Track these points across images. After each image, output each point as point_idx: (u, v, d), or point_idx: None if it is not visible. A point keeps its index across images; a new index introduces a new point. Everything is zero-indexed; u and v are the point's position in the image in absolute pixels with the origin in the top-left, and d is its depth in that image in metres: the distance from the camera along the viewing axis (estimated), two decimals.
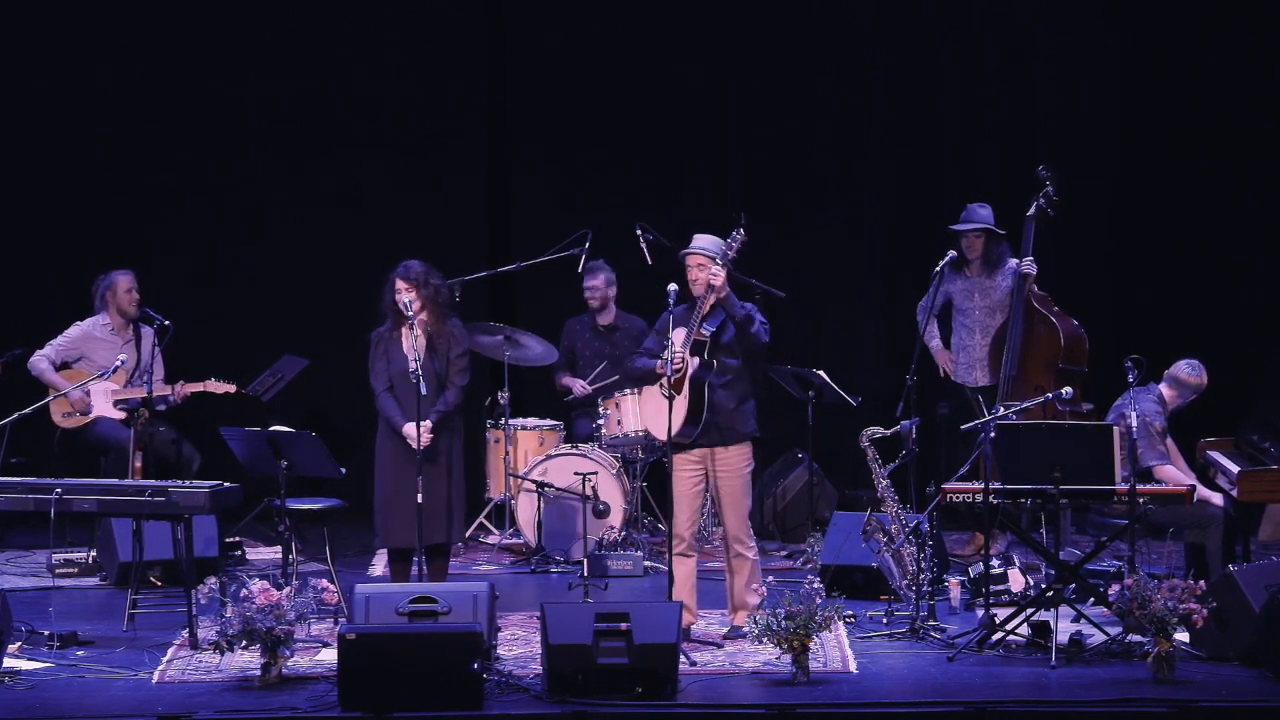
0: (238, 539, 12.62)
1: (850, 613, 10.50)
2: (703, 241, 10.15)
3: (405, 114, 14.50)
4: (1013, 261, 12.19)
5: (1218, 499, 10.94)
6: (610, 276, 13.10)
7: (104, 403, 12.42)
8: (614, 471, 12.49)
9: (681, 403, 10.05)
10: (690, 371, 10.00)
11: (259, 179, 14.46)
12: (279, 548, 11.17)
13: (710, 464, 10.20)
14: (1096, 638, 9.92)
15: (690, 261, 10.10)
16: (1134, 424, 10.25)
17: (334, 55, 14.42)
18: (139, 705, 9.07)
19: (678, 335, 10.06)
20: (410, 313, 10.58)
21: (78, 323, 12.59)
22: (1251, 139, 14.10)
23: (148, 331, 12.44)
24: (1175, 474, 10.84)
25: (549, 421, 13.15)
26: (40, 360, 12.44)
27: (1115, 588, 9.68)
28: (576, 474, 12.23)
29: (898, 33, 14.46)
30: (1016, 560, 11.24)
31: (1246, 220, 14.16)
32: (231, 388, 12.42)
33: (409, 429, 10.55)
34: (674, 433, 10.01)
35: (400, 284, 10.65)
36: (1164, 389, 11.08)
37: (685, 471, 10.20)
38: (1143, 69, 14.29)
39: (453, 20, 14.49)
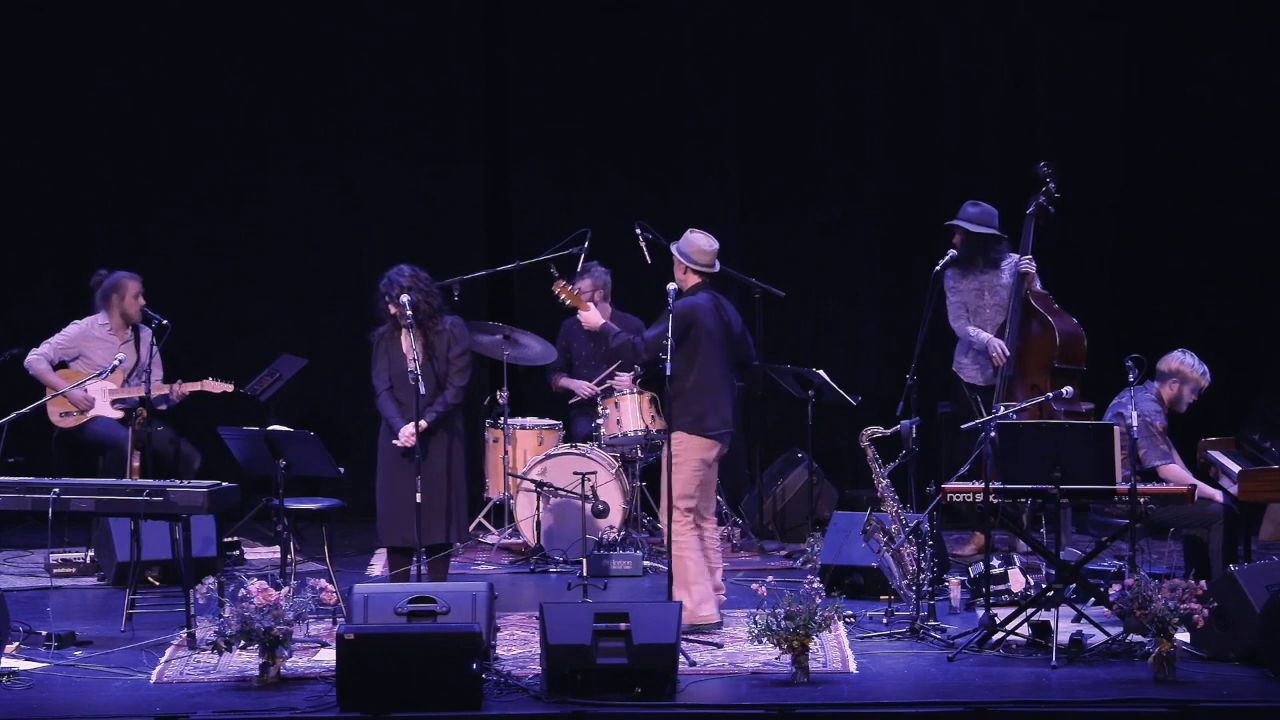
0: (236, 539, 12.60)
1: (850, 613, 10.48)
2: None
3: (405, 113, 14.48)
4: (1013, 258, 12.15)
5: (1218, 496, 10.91)
6: (598, 279, 13.02)
7: (101, 402, 12.40)
8: (613, 471, 12.47)
9: None
10: None
11: (258, 178, 14.43)
12: (277, 548, 11.15)
13: None
14: (1097, 638, 9.90)
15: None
16: (1134, 423, 10.22)
17: (333, 54, 14.40)
18: (137, 705, 9.05)
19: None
20: (407, 317, 10.57)
21: (76, 322, 12.55)
22: (1253, 138, 14.07)
23: (145, 331, 12.42)
24: (1180, 473, 10.82)
25: (548, 421, 13.13)
26: (39, 360, 12.40)
27: (1116, 588, 9.66)
28: (576, 474, 12.21)
29: (898, 32, 14.44)
30: (1017, 560, 11.22)
31: (1248, 219, 14.13)
32: (229, 387, 12.39)
33: (405, 432, 10.53)
34: None
35: (386, 296, 10.64)
36: (1159, 386, 11.04)
37: None
38: (1146, 66, 14.26)
39: (452, 19, 14.47)
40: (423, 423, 10.49)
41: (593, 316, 10.73)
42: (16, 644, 9.95)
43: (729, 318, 10.50)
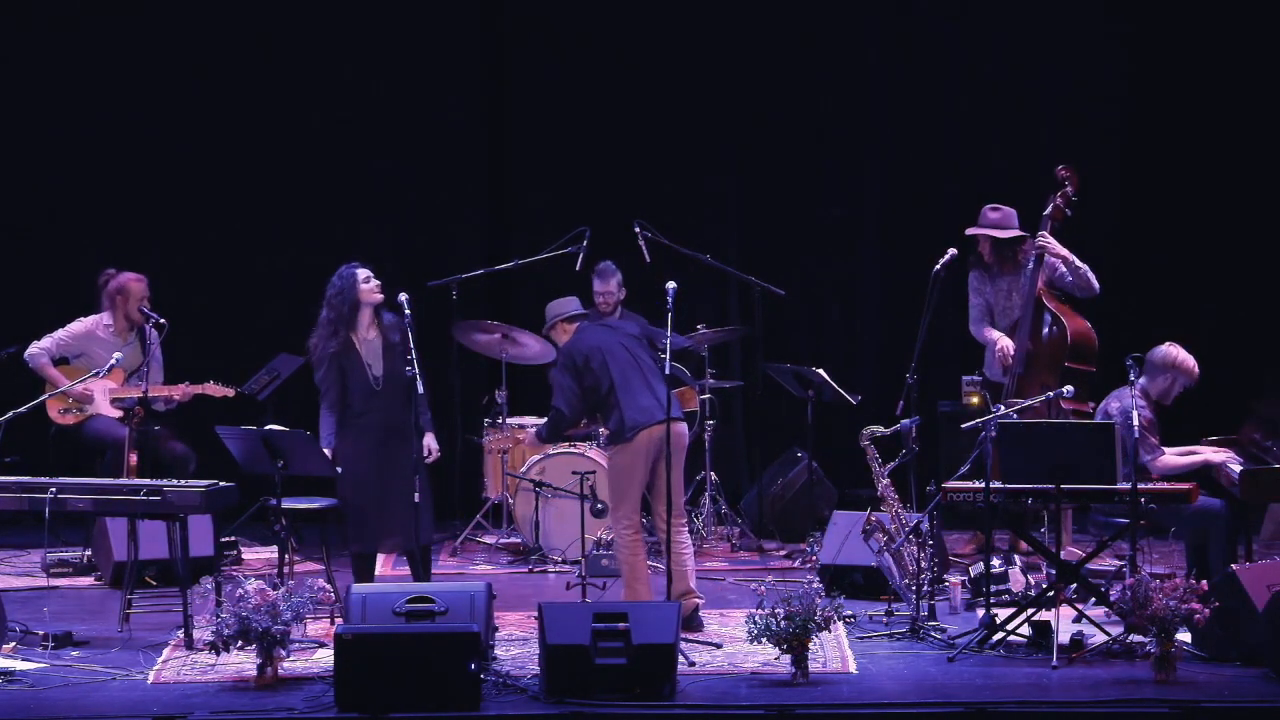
0: (234, 538, 12.57)
1: (850, 613, 10.45)
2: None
3: (404, 111, 14.47)
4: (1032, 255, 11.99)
5: (1223, 484, 10.88)
6: (620, 279, 12.97)
7: (101, 400, 12.37)
8: None
9: None
10: None
11: (257, 177, 14.40)
12: (275, 547, 11.11)
13: None
14: (1098, 638, 9.87)
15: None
16: (1130, 422, 10.17)
17: (333, 53, 14.38)
18: (134, 706, 9.02)
19: None
20: (405, 318, 10.53)
21: (81, 319, 12.52)
22: (1257, 138, 14.05)
23: (153, 332, 12.38)
24: (1171, 460, 10.79)
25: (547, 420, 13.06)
26: (41, 354, 12.38)
27: (1117, 587, 9.64)
28: (574, 473, 12.17)
29: (899, 30, 14.42)
30: (1017, 560, 11.19)
31: (1251, 218, 14.11)
32: (229, 391, 12.35)
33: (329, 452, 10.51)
34: None
35: (344, 293, 10.56)
36: (1147, 381, 10.97)
37: None
38: (1148, 64, 14.23)
39: (452, 17, 14.45)
40: (432, 437, 10.57)
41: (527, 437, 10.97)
42: (13, 644, 9.95)
43: (619, 326, 10.68)
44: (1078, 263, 11.83)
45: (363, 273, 10.70)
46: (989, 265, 12.07)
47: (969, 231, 12.11)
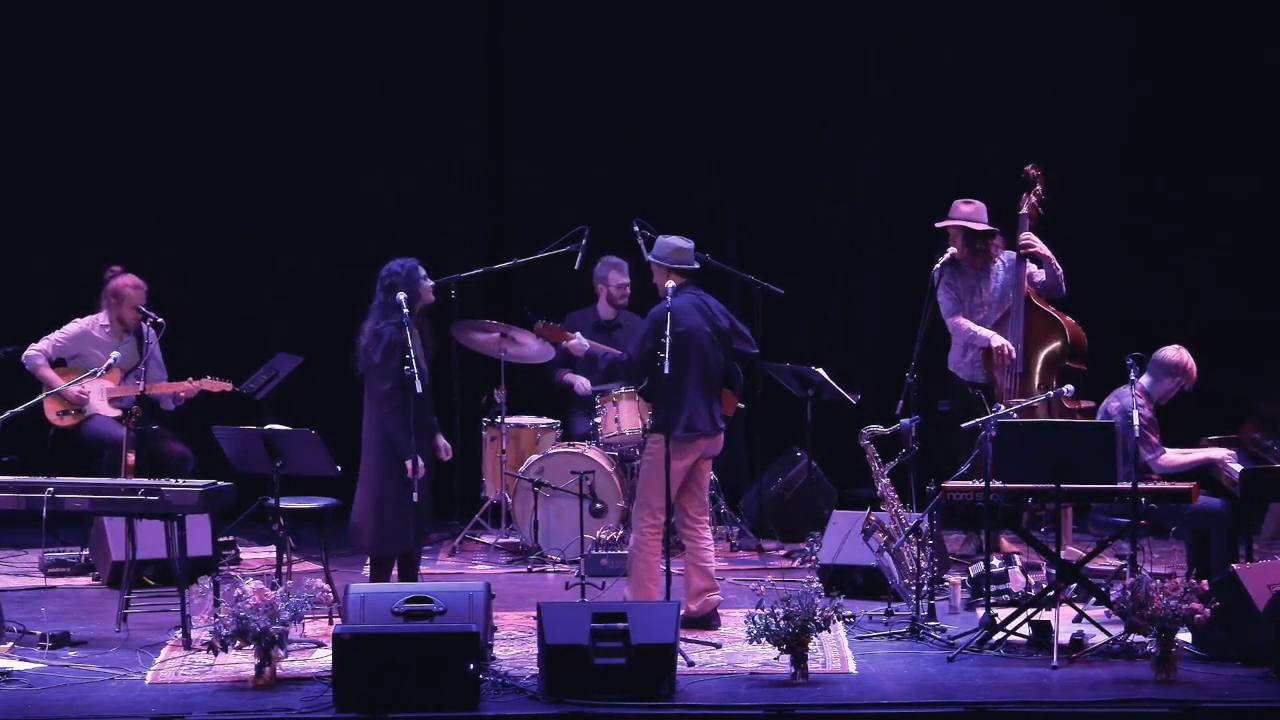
0: (232, 538, 12.55)
1: (850, 613, 10.43)
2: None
3: (404, 111, 14.46)
4: (1009, 254, 12.01)
5: (1231, 472, 10.86)
6: (625, 272, 13.02)
7: (99, 401, 12.35)
8: (611, 470, 12.43)
9: None
10: None
11: (256, 176, 14.39)
12: (273, 547, 11.10)
13: None
14: (1098, 638, 9.85)
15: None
16: (1130, 421, 10.16)
17: (332, 52, 14.37)
18: (132, 706, 9.02)
19: None
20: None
21: (77, 320, 12.51)
22: (1258, 138, 14.04)
23: (150, 331, 12.36)
24: (1174, 458, 10.77)
25: (545, 420, 13.08)
26: (37, 356, 12.37)
27: (1117, 587, 9.62)
28: (574, 473, 12.17)
29: (899, 30, 14.41)
30: (1017, 560, 11.17)
31: (1252, 218, 14.10)
32: (227, 386, 12.33)
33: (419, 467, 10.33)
34: None
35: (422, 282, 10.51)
36: (1151, 381, 10.95)
37: None
38: (1148, 64, 14.22)
39: (452, 16, 14.44)
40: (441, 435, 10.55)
41: (580, 345, 11.01)
42: (11, 644, 9.93)
43: (714, 314, 10.42)
44: (1056, 263, 11.84)
45: (422, 270, 10.58)
46: (958, 259, 12.05)
47: (939, 224, 12.11)
